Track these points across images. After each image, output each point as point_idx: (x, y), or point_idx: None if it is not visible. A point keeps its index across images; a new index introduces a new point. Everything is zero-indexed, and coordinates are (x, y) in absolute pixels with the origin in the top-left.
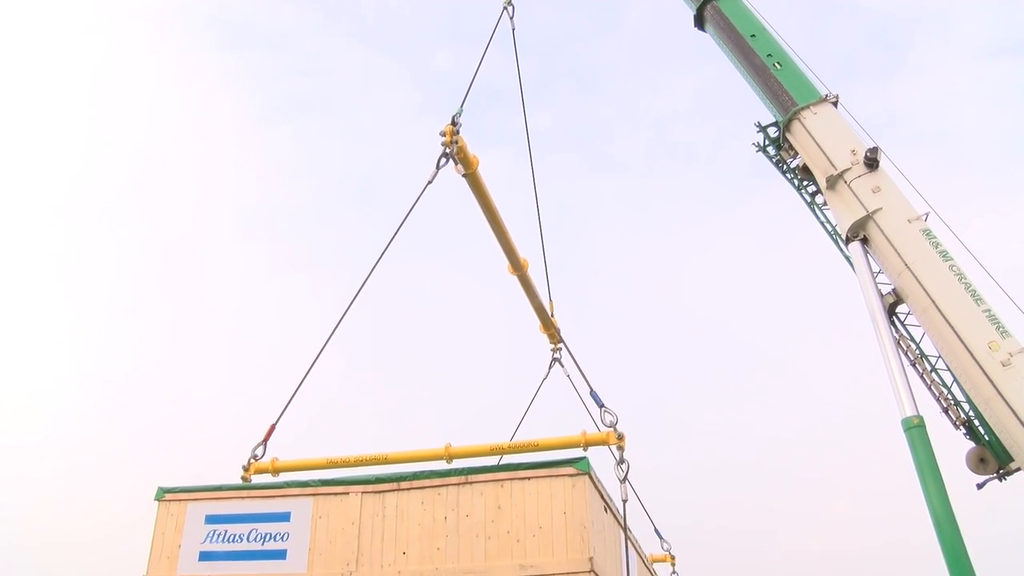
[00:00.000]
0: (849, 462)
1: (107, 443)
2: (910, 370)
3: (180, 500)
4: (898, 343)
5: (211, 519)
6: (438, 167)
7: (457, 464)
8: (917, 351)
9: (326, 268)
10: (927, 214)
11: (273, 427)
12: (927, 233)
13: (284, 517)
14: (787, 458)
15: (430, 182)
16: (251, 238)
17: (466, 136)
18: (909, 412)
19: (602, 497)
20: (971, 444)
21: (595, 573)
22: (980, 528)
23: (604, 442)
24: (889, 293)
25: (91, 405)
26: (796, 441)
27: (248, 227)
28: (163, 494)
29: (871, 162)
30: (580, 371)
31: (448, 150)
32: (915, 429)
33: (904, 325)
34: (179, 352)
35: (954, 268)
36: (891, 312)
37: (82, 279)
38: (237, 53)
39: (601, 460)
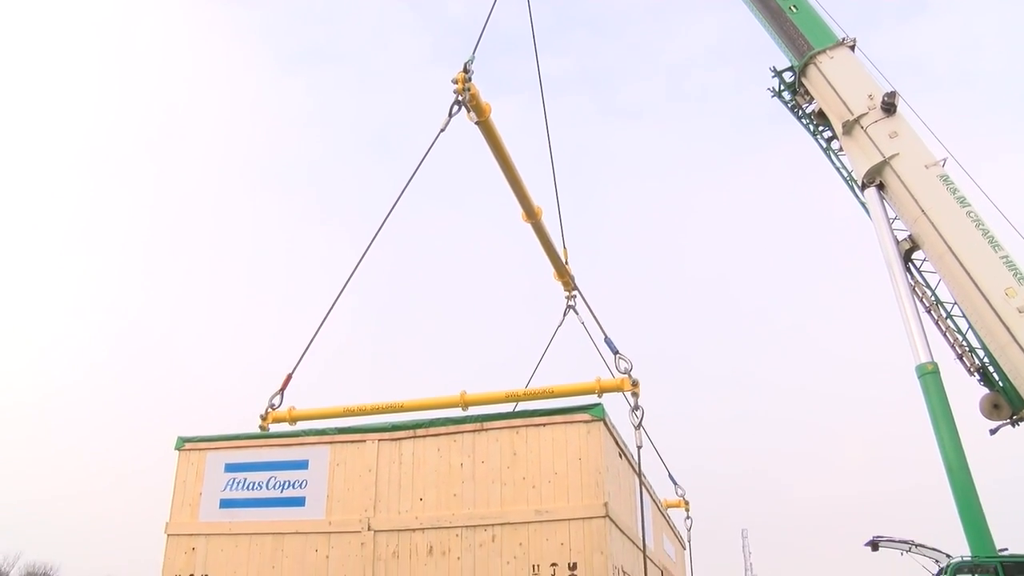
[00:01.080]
0: (861, 410)
1: (118, 392)
2: (925, 317)
3: (200, 449)
4: (913, 290)
5: (231, 467)
6: (451, 115)
7: (472, 411)
8: (932, 298)
9: (340, 218)
10: (945, 160)
11: (290, 377)
12: (944, 179)
13: (302, 465)
14: (799, 407)
15: (443, 130)
16: (264, 188)
17: (479, 84)
18: (924, 359)
19: (617, 443)
20: (985, 390)
21: (610, 518)
22: (992, 473)
23: (619, 389)
24: (905, 240)
25: (104, 355)
26: (808, 390)
27: (262, 178)
28: (183, 443)
29: (888, 107)
30: (594, 318)
31: (460, 98)
32: (929, 375)
33: (920, 272)
34: (190, 303)
35: (971, 214)
36: (907, 259)
37: (95, 231)
38: (251, 4)
39: (615, 407)
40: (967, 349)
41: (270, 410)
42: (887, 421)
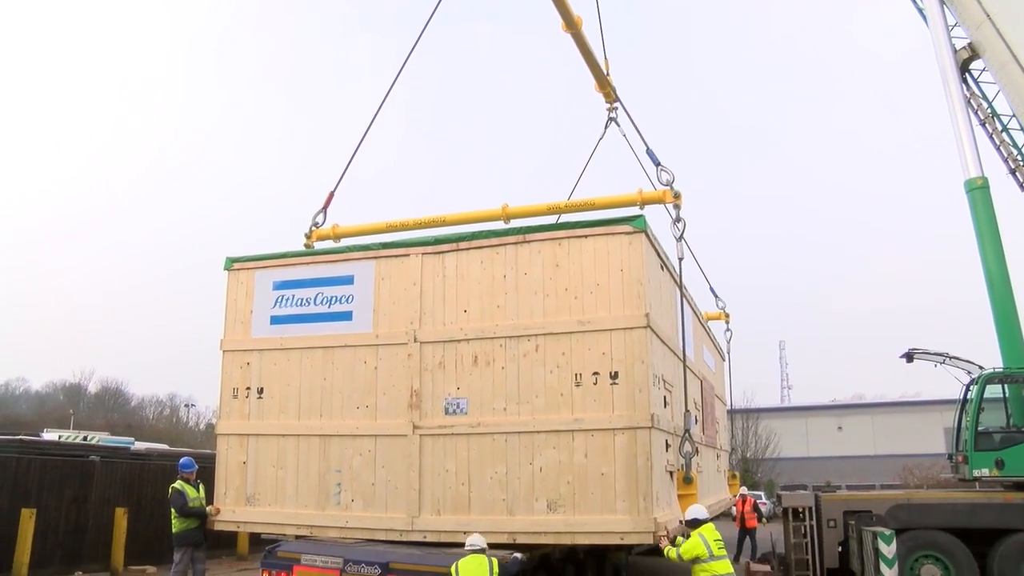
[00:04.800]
0: (900, 227)
1: (155, 211)
2: (979, 130)
3: (248, 269)
4: (968, 102)
5: (279, 285)
6: None
7: (515, 224)
8: (989, 110)
9: (381, 33)
10: None
11: (332, 194)
12: None
13: (348, 280)
14: (837, 228)
15: None
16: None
17: None
18: (973, 173)
19: (658, 255)
20: None
21: (651, 328)
22: None
23: (660, 200)
24: (964, 48)
25: (140, 171)
26: (846, 217)
27: None
28: (231, 264)
29: None
30: (636, 129)
31: None
32: (978, 190)
33: (977, 83)
34: (230, 121)
35: None
36: (964, 69)
37: (134, 47)
38: None
39: (657, 220)
40: (1021, 164)
41: (314, 228)
42: (926, 239)
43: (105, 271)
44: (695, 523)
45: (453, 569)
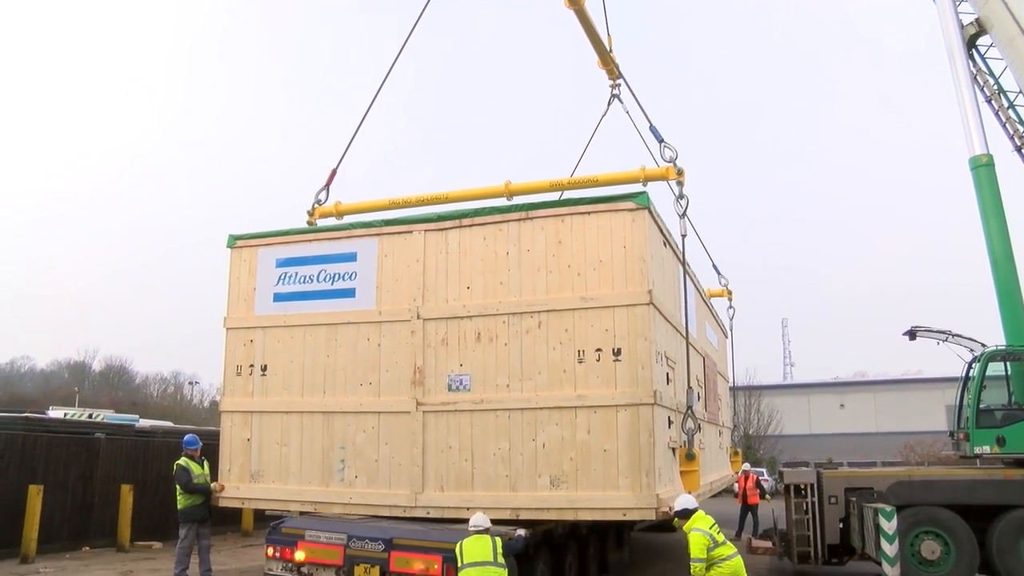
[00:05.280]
0: (901, 208)
1: (160, 189)
2: (985, 108)
3: (251, 246)
4: (975, 78)
5: (282, 263)
6: None
7: (518, 200)
8: (995, 86)
9: (384, 13)
10: None
11: (334, 172)
12: None
13: (351, 257)
14: (839, 208)
15: None
16: None
17: None
18: (979, 150)
19: (661, 232)
20: None
21: (654, 305)
22: None
23: (663, 177)
24: (971, 24)
25: (146, 149)
26: (848, 197)
27: None
28: (234, 241)
29: None
30: (639, 106)
31: None
32: (983, 168)
33: (984, 59)
34: (235, 100)
35: None
36: (971, 45)
37: (142, 27)
38: None
39: (660, 197)
40: None
41: (317, 205)
42: (927, 220)
43: (110, 250)
44: (685, 513)
45: (457, 549)
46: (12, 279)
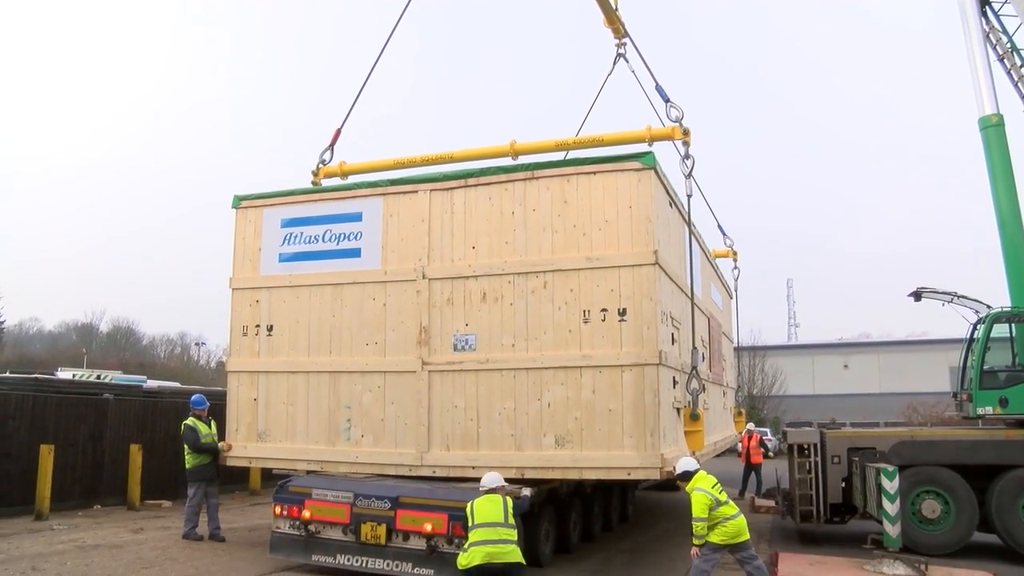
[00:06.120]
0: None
1: (167, 151)
2: (996, 67)
3: (256, 207)
4: (987, 36)
5: (287, 223)
6: None
7: (523, 160)
8: (1008, 45)
9: None
10: None
11: (339, 131)
12: None
13: (356, 217)
14: (842, 173)
15: None
16: None
17: None
18: (989, 110)
19: (667, 192)
20: None
21: (659, 265)
22: None
23: (669, 137)
24: None
25: (154, 111)
26: (856, 164)
27: None
28: (239, 202)
29: None
30: (645, 65)
31: None
32: (993, 128)
33: (998, 16)
34: (242, 62)
35: None
36: (984, 2)
37: None
38: None
39: (666, 158)
40: None
41: (321, 165)
42: (932, 184)
43: (116, 211)
44: (686, 475)
45: (468, 509)
46: (20, 241)
